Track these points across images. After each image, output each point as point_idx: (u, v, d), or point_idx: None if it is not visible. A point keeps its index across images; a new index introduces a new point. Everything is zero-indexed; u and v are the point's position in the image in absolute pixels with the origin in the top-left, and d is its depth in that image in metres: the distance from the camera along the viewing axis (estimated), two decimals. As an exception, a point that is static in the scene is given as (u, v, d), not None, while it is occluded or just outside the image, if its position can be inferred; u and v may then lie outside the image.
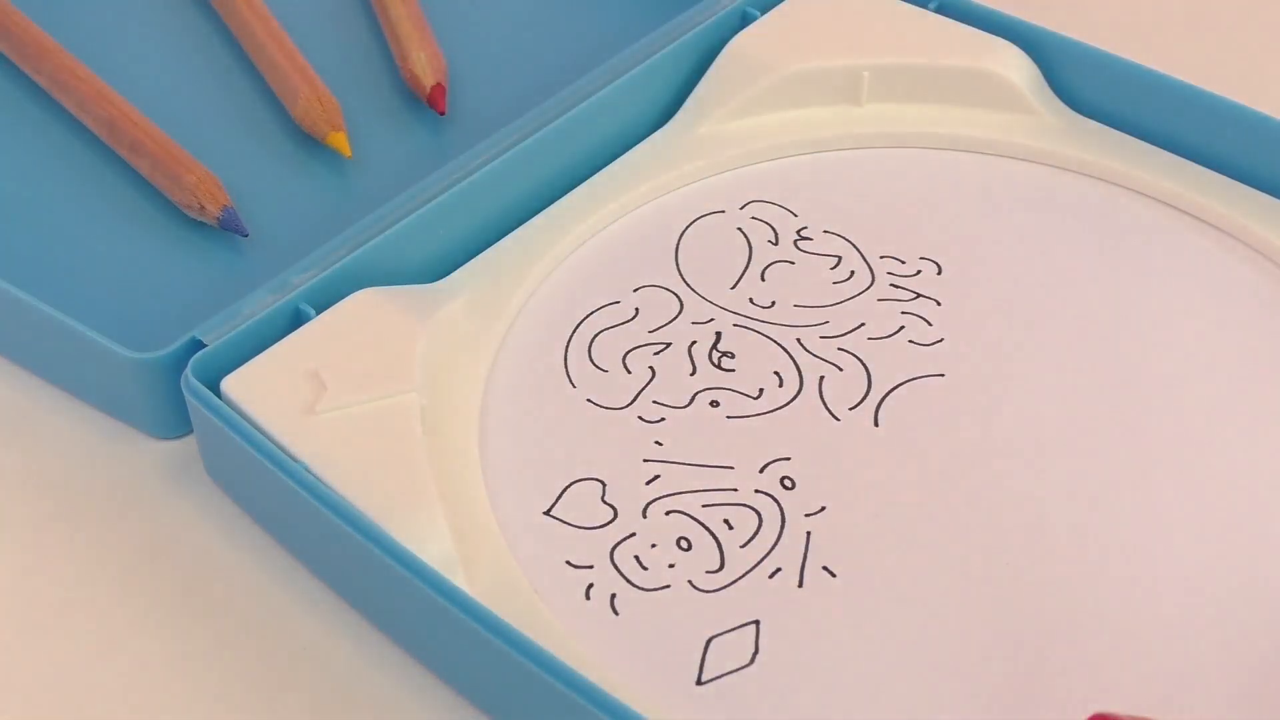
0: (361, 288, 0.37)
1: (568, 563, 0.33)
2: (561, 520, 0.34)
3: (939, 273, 0.40)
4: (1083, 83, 0.44)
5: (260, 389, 0.35)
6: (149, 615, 0.34)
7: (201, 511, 0.36)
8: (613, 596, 0.33)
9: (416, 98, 0.46)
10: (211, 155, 0.43)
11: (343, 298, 0.37)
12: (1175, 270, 0.40)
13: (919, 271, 0.40)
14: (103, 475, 0.37)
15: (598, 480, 0.35)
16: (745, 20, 0.45)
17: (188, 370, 0.35)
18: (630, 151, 0.43)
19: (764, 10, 0.45)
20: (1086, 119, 0.43)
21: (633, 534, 0.34)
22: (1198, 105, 0.42)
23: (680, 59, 0.44)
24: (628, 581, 0.33)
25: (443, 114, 0.45)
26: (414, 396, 0.35)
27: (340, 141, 0.43)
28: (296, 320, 0.37)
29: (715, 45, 0.44)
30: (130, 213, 0.42)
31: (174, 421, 0.37)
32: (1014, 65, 0.43)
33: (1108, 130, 0.43)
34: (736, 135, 0.43)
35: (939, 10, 0.45)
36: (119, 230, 0.42)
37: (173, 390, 0.36)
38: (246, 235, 0.41)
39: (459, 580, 0.32)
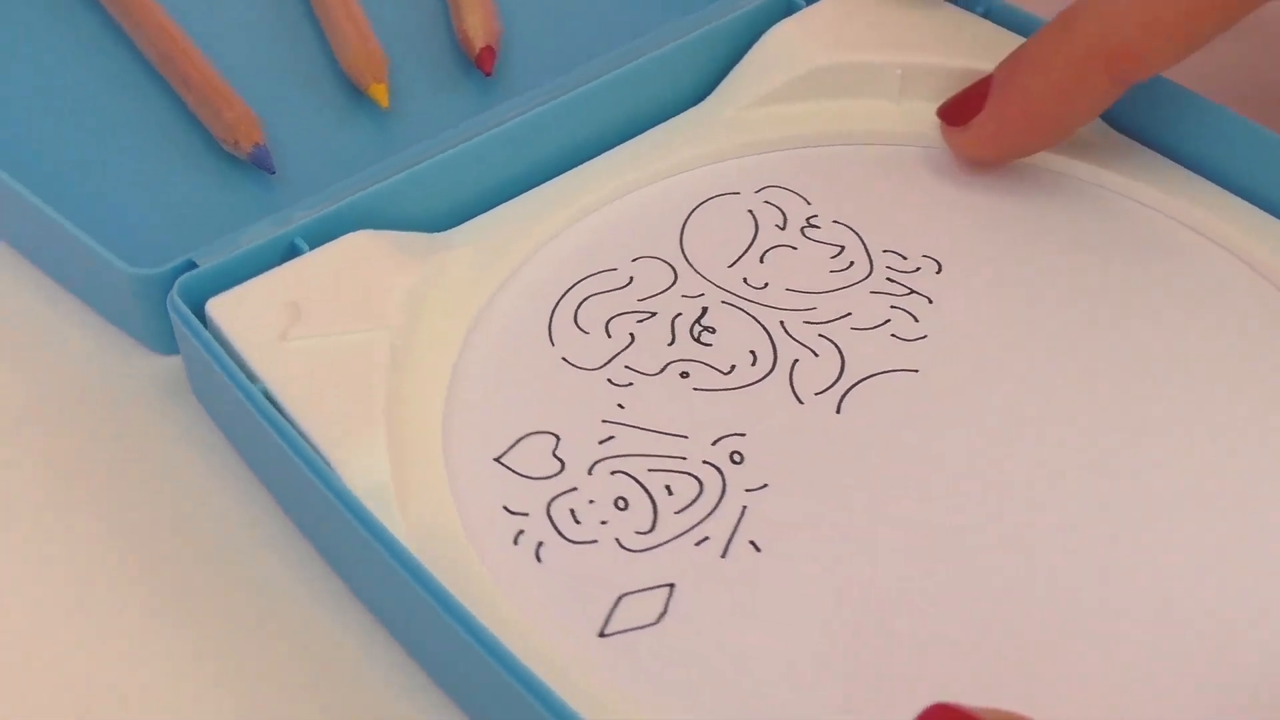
0: (362, 229, 0.38)
1: (505, 508, 0.34)
2: (509, 468, 0.35)
3: (938, 271, 0.40)
4: (1123, 100, 0.43)
5: (240, 313, 0.36)
6: (111, 525, 0.36)
7: (183, 427, 0.38)
8: (540, 544, 0.33)
9: (468, 58, 0.47)
10: (259, 97, 0.44)
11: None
12: (1185, 294, 0.39)
13: (919, 269, 0.40)
14: (98, 383, 0.39)
15: (553, 434, 0.36)
16: (791, 9, 0.46)
17: (174, 289, 0.36)
18: (658, 127, 0.43)
19: (810, 1, 0.46)
20: (1124, 136, 0.43)
21: (574, 489, 0.35)
22: (1237, 131, 0.41)
23: (721, 40, 0.45)
24: (558, 532, 0.34)
25: (488, 75, 0.46)
26: (384, 334, 0.36)
27: (380, 93, 0.44)
28: (291, 253, 0.38)
29: (759, 30, 0.45)
30: (173, 142, 0.44)
31: (168, 338, 0.38)
32: (1052, 75, 0.43)
33: (1143, 149, 0.42)
34: (765, 121, 0.44)
35: (986, 15, 0.45)
36: (158, 155, 0.44)
37: (165, 307, 0.37)
38: (273, 173, 0.43)
39: (391, 511, 0.33)
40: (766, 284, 0.39)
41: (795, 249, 0.40)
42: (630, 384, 0.37)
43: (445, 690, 0.32)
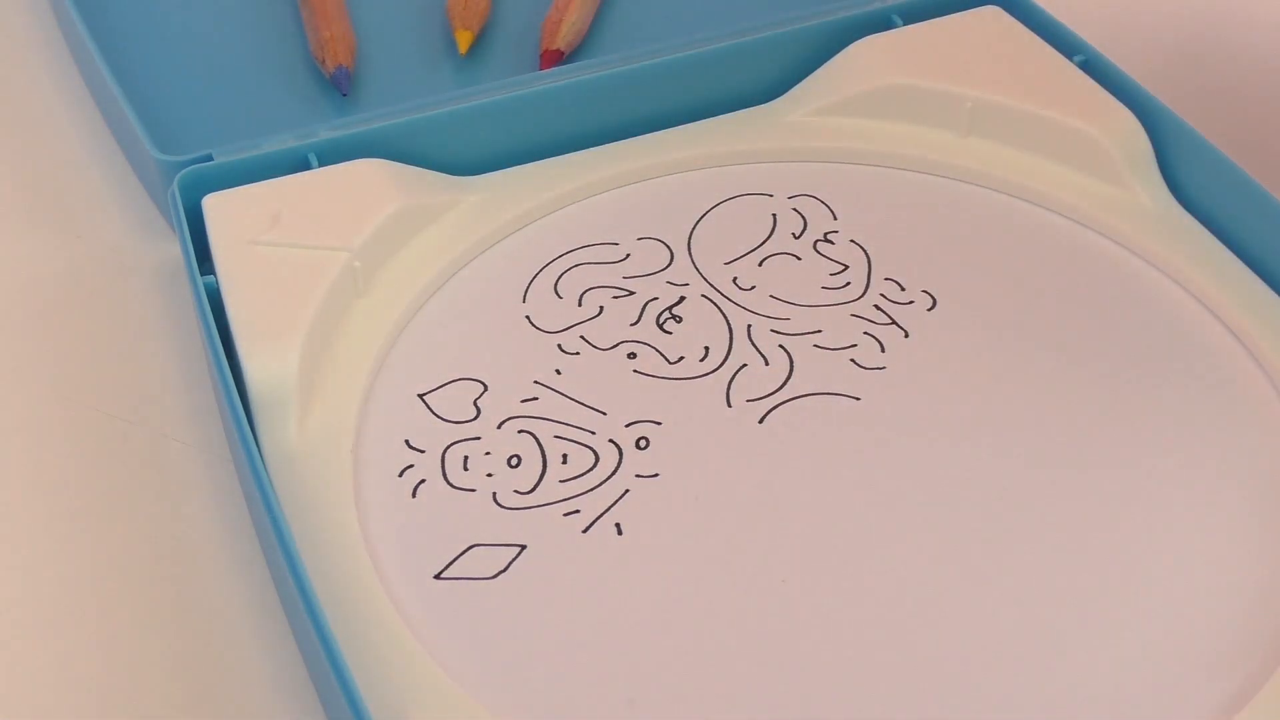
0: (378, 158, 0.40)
1: (406, 441, 0.35)
2: (428, 406, 0.36)
3: (931, 308, 0.38)
4: (1196, 178, 0.41)
5: (227, 212, 0.38)
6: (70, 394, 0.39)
7: (175, 310, 0.40)
8: (421, 482, 0.34)
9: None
10: (370, 33, 0.47)
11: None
12: (1183, 390, 0.37)
13: (912, 302, 0.39)
14: (126, 256, 0.42)
15: (481, 383, 0.37)
16: (886, 26, 0.45)
17: (176, 180, 0.39)
18: (719, 117, 0.44)
19: (908, 21, 0.45)
20: (1185, 213, 0.41)
21: (477, 438, 0.35)
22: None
23: (807, 45, 0.44)
24: (443, 475, 0.34)
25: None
26: (344, 255, 0.37)
27: (462, 38, 0.46)
28: (302, 167, 0.40)
29: (849, 41, 0.44)
30: (278, 49, 0.47)
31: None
32: (1122, 136, 0.41)
33: (1201, 231, 0.40)
34: (825, 130, 0.43)
35: (1084, 65, 0.43)
36: (258, 56, 0.47)
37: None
38: (345, 95, 0.44)
39: (287, 417, 0.35)
40: (754, 286, 0.39)
41: (799, 259, 0.40)
42: (578, 353, 0.37)
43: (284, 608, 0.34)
